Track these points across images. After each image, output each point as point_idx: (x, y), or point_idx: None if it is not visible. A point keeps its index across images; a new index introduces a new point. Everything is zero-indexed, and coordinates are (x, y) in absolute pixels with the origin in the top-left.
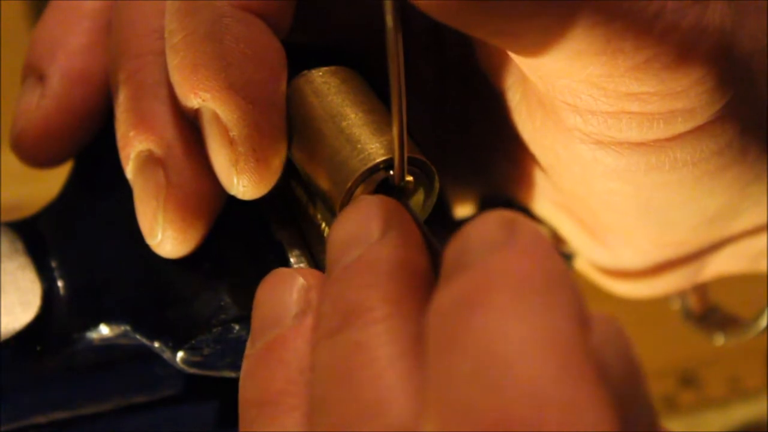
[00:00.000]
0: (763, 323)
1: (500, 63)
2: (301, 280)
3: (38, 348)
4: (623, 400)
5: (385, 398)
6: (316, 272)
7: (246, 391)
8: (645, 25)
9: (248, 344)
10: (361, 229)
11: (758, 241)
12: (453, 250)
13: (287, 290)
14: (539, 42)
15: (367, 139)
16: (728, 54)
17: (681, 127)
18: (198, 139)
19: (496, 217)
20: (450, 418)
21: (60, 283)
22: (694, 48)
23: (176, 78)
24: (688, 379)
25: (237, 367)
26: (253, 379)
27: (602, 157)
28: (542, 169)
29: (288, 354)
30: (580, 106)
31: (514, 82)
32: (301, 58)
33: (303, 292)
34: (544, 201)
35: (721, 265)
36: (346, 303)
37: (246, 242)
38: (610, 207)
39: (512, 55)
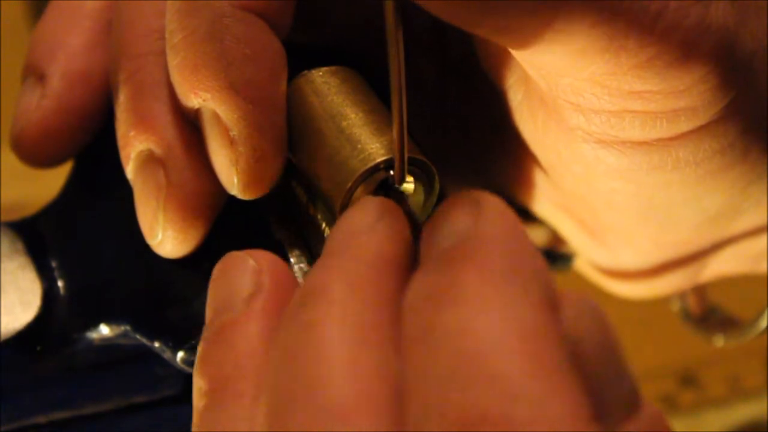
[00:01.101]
0: (762, 324)
1: (502, 62)
2: (251, 263)
3: (38, 348)
4: (600, 376)
5: (325, 379)
6: (269, 254)
7: (197, 379)
8: (648, 22)
9: (204, 329)
10: (351, 226)
11: (758, 242)
12: (425, 237)
13: (239, 274)
14: (540, 40)
15: (367, 139)
16: (731, 52)
17: (684, 126)
18: (198, 139)
19: (461, 200)
20: (423, 416)
21: (60, 283)
22: (697, 46)
23: (176, 78)
24: (688, 379)
25: None
26: (203, 365)
27: (605, 156)
28: (543, 169)
29: (237, 338)
30: (583, 105)
31: (515, 81)
32: (301, 58)
33: (254, 275)
34: (544, 201)
35: (721, 265)
36: (308, 284)
37: (246, 242)
38: (611, 206)
39: (515, 53)
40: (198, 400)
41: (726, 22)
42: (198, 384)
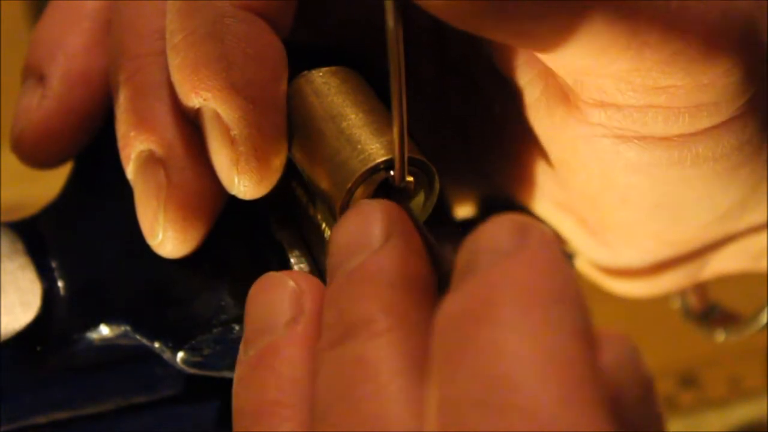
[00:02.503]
0: (763, 320)
1: (518, 59)
2: (292, 285)
3: (38, 348)
4: (636, 424)
5: (386, 414)
6: (308, 276)
7: (239, 401)
8: (671, 17)
9: (240, 350)
10: (362, 235)
11: (760, 240)
12: (464, 253)
13: (279, 295)
14: (560, 41)
15: (367, 140)
16: (754, 44)
17: (706, 121)
18: (199, 139)
19: (507, 221)
20: None
21: (60, 283)
22: (721, 38)
23: (177, 78)
24: (688, 379)
25: None
26: (245, 389)
27: (624, 151)
28: (547, 168)
29: (280, 363)
30: (607, 101)
31: (533, 77)
32: (301, 58)
33: (295, 298)
34: (545, 201)
35: (722, 263)
36: (348, 314)
37: (246, 242)
38: (624, 202)
39: (538, 53)
40: (239, 421)
41: (750, 13)
42: (240, 405)
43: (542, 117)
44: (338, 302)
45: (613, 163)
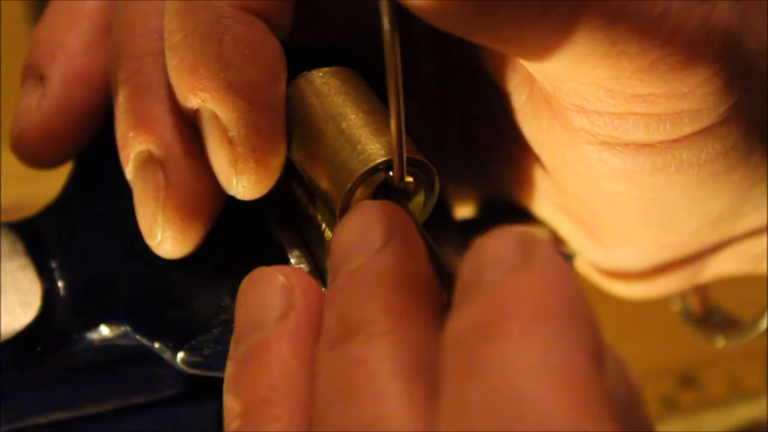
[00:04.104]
0: (763, 325)
1: (505, 64)
2: (282, 280)
3: (38, 348)
4: (630, 429)
5: (385, 415)
6: (299, 271)
7: (229, 398)
8: (650, 26)
9: (231, 346)
10: (364, 236)
11: (759, 243)
12: (468, 266)
13: (269, 291)
14: (542, 47)
15: (367, 140)
16: (735, 54)
17: (687, 128)
18: (197, 140)
19: (512, 235)
20: None
21: (60, 284)
22: (701, 48)
23: (175, 78)
24: (688, 380)
25: None
26: (236, 386)
27: (608, 158)
28: (544, 170)
29: (271, 360)
30: (587, 108)
31: (519, 83)
32: (301, 58)
33: (285, 293)
34: (544, 202)
35: (721, 266)
36: (348, 315)
37: (246, 242)
38: (613, 208)
39: (520, 59)
40: (231, 420)
41: (730, 24)
42: (230, 404)
43: (530, 121)
44: (339, 303)
45: (599, 170)
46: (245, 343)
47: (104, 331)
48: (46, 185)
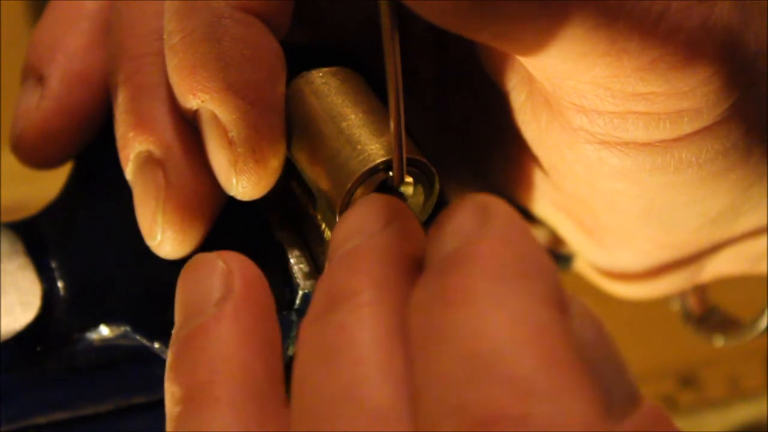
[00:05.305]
0: (762, 325)
1: (504, 63)
2: (221, 265)
3: (38, 348)
4: (603, 374)
5: (365, 380)
6: (239, 256)
7: (170, 385)
8: (649, 25)
9: (173, 333)
10: (362, 222)
11: (758, 243)
12: (432, 240)
13: (208, 276)
14: (541, 44)
15: (367, 140)
16: (735, 54)
17: (687, 127)
18: (197, 140)
19: (469, 203)
20: (439, 417)
21: (60, 284)
22: (700, 47)
23: (175, 79)
24: (688, 380)
25: None
26: (177, 372)
27: (608, 157)
28: (543, 170)
29: (210, 342)
30: (587, 107)
31: (518, 82)
32: (300, 58)
33: (224, 278)
34: (544, 202)
35: (720, 266)
36: (335, 287)
37: (246, 242)
38: (613, 208)
39: (518, 55)
40: (172, 406)
41: (730, 23)
42: (171, 390)
43: (529, 121)
44: (327, 281)
45: (598, 169)
46: (185, 328)
47: (104, 331)
48: (46, 185)
